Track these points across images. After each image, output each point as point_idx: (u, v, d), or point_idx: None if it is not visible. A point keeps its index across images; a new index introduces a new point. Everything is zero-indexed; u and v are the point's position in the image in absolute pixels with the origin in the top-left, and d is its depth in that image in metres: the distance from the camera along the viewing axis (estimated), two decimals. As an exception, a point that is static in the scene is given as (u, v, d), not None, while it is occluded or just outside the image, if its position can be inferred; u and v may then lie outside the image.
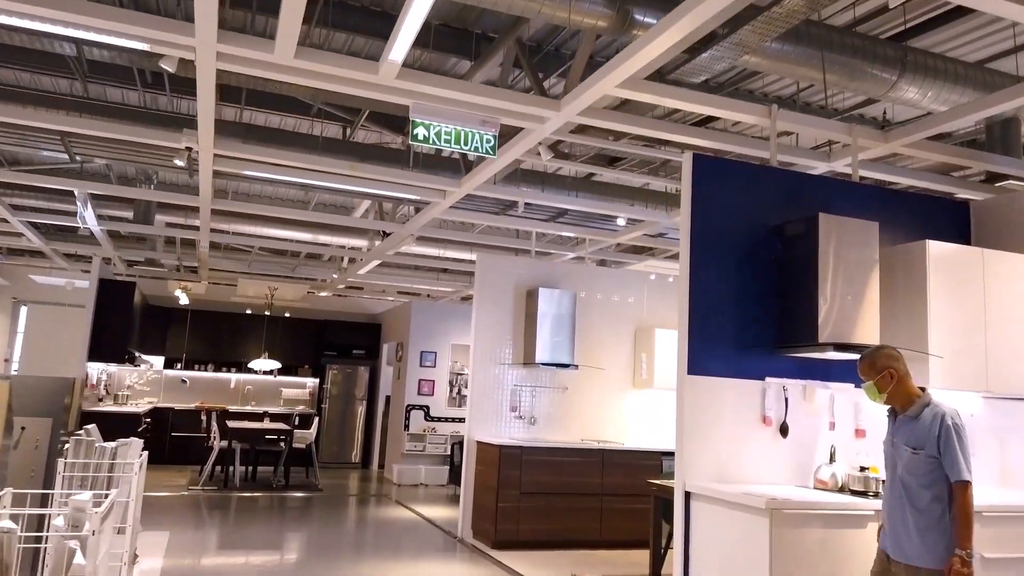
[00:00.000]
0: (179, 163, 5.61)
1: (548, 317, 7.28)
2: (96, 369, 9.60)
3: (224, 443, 9.92)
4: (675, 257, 8.94)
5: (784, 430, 4.19)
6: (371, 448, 13.31)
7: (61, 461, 3.85)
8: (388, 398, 13.35)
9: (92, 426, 4.33)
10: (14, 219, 8.65)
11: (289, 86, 4.72)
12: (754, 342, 4.20)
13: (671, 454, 7.47)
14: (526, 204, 7.52)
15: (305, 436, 10.59)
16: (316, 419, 11.09)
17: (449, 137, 4.49)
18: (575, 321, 7.36)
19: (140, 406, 10.81)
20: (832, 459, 4.13)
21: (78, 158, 6.83)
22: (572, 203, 6.79)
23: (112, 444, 4.14)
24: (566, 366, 7.27)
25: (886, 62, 4.19)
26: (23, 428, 3.83)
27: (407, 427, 11.42)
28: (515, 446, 6.73)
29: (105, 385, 10.37)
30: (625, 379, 7.82)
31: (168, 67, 4.09)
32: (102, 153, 6.30)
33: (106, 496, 2.71)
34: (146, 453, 3.93)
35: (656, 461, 7.18)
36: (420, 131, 4.43)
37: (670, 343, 7.54)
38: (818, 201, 4.46)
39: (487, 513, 6.78)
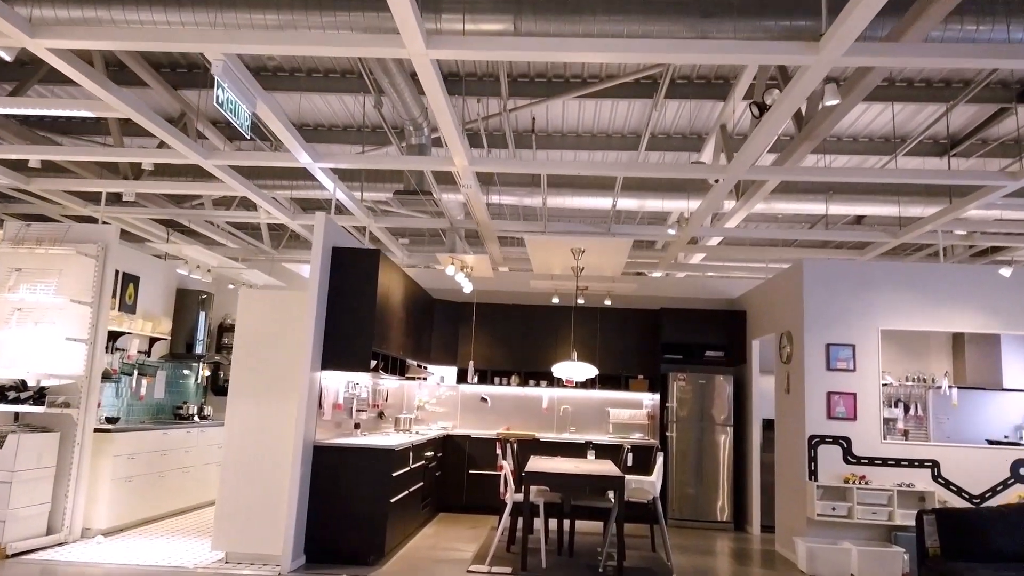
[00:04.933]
0: None
1: None
2: (343, 381, 6.74)
3: (519, 495, 6.36)
4: None
5: None
6: (745, 499, 8.81)
7: None
8: (769, 422, 8.75)
9: None
10: (231, 181, 6.16)
11: None
12: None
13: None
14: None
15: (644, 487, 6.57)
16: (660, 455, 7.00)
17: None
18: None
19: (420, 433, 7.84)
20: None
21: None
22: None
23: None
24: None
25: None
26: None
27: (814, 474, 6.74)
28: None
29: (375, 405, 7.57)
30: None
31: None
32: None
33: None
34: None
35: None
36: None
37: None
38: None
39: None
